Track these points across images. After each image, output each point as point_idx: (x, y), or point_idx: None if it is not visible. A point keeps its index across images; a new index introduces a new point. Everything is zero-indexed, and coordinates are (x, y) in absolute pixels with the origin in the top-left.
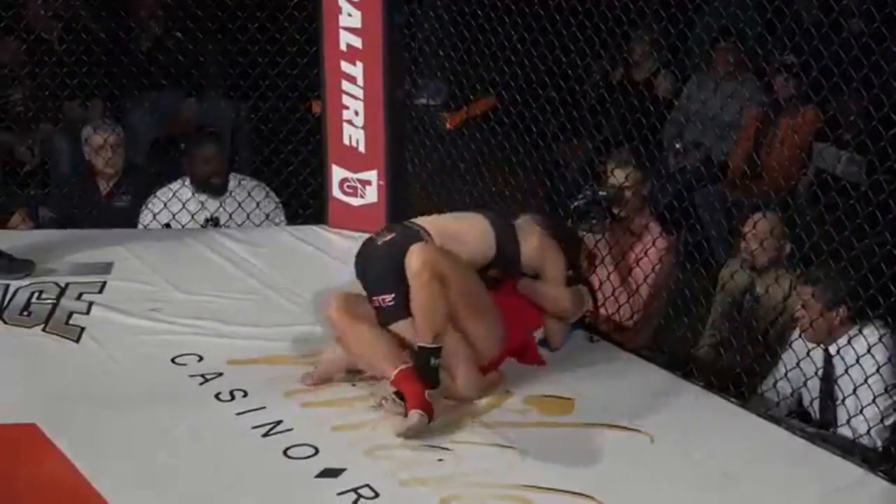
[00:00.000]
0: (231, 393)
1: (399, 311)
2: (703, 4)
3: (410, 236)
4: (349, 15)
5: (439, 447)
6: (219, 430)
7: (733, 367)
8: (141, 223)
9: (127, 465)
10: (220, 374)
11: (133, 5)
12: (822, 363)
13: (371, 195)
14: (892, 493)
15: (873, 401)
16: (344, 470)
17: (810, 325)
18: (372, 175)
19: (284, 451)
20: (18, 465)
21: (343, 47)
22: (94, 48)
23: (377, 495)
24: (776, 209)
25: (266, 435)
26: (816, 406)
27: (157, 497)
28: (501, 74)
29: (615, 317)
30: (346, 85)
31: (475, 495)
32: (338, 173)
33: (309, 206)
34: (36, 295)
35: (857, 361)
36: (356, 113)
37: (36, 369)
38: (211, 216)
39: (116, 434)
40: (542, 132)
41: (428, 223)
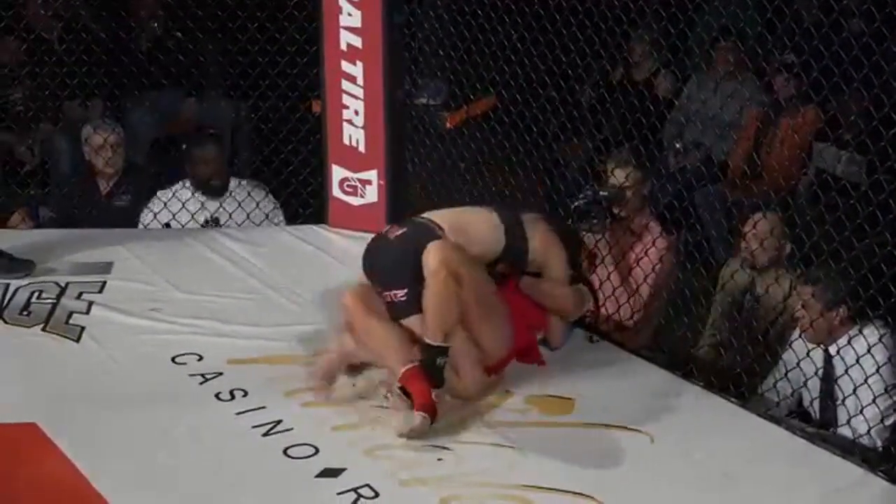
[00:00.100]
0: (231, 392)
1: (411, 306)
2: (704, 4)
3: (423, 231)
4: (349, 14)
5: (439, 447)
6: (219, 429)
7: (733, 367)
8: (141, 223)
9: (127, 464)
10: (220, 374)
11: (133, 5)
12: (822, 363)
13: (371, 195)
14: (893, 493)
15: (873, 401)
16: (344, 470)
17: (810, 325)
18: (372, 175)
19: (284, 451)
20: (18, 465)
21: (343, 47)
22: (94, 48)
23: (377, 495)
24: (776, 209)
25: (266, 434)
26: (816, 406)
27: (157, 497)
28: (501, 74)
29: (615, 316)
30: (346, 84)
31: (475, 495)
32: (338, 173)
33: (309, 205)
34: (36, 294)
35: (857, 361)
36: (356, 112)
37: (36, 369)
38: (211, 216)
39: (116, 433)
40: (542, 132)
41: (438, 217)
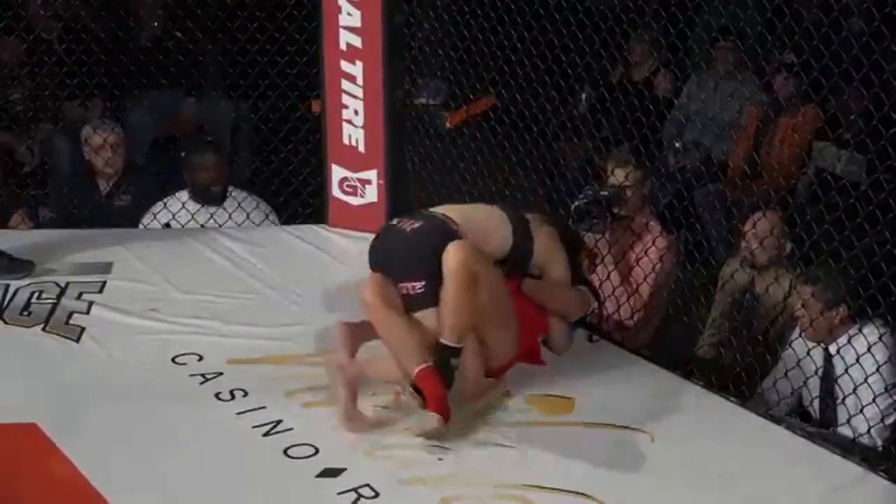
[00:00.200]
0: (231, 392)
1: (427, 299)
2: (703, 4)
3: (440, 226)
4: (349, 14)
5: (439, 447)
6: (219, 429)
7: (733, 366)
8: (141, 223)
9: (127, 464)
10: (220, 374)
11: (133, 5)
12: (822, 362)
13: (371, 194)
14: (893, 492)
15: (873, 400)
16: (344, 470)
17: (810, 325)
18: (372, 174)
19: (285, 451)
20: (19, 465)
21: (343, 46)
22: (94, 48)
23: (377, 495)
24: (776, 208)
25: (266, 434)
26: (816, 405)
27: (157, 497)
28: (501, 74)
29: (615, 316)
30: (345, 84)
31: (475, 495)
32: (337, 173)
33: (309, 205)
34: (36, 295)
35: (857, 361)
36: (356, 112)
37: (36, 369)
38: (207, 221)
39: (117, 433)
40: (542, 131)
41: (449, 212)
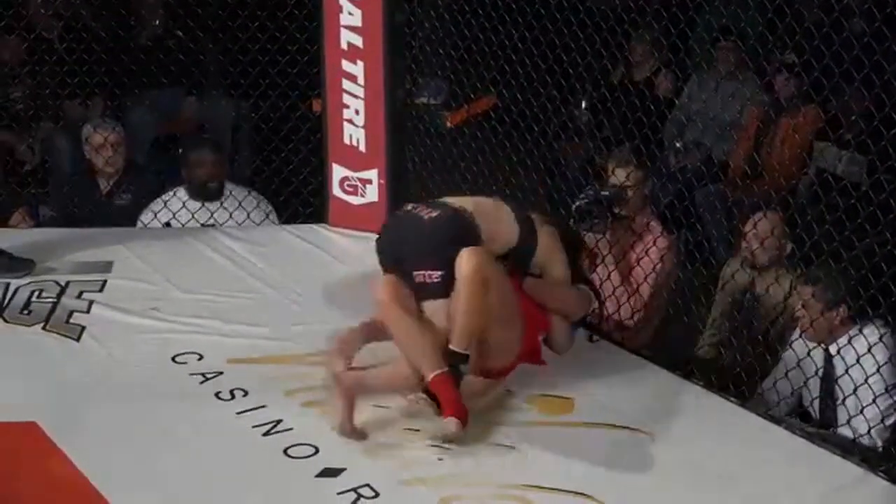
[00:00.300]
0: (231, 392)
1: (441, 289)
2: (704, 4)
3: (456, 216)
4: (350, 14)
5: (439, 447)
6: (219, 429)
7: (733, 366)
8: (141, 222)
9: (127, 463)
10: (221, 373)
11: (134, 4)
12: (823, 363)
13: (371, 194)
14: (893, 492)
15: (873, 401)
16: (344, 469)
17: (810, 325)
18: (372, 174)
19: (285, 451)
20: (19, 464)
21: (344, 46)
22: (95, 47)
23: (377, 495)
24: (777, 209)
25: (266, 434)
26: (816, 406)
27: (157, 497)
28: (502, 73)
29: (616, 316)
30: (346, 84)
31: (475, 495)
32: (338, 172)
33: (309, 204)
34: (36, 293)
35: (858, 361)
36: (357, 112)
37: (36, 368)
38: (209, 219)
39: (117, 433)
40: (542, 131)
41: (462, 203)
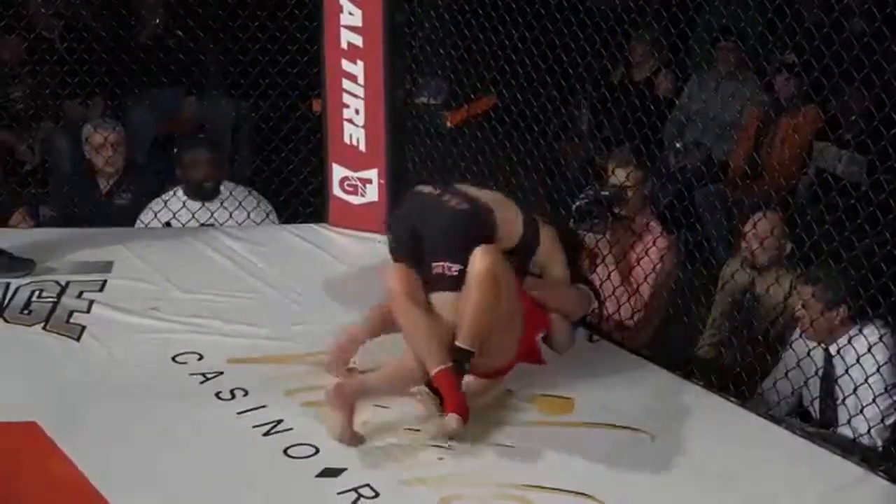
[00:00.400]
0: (231, 392)
1: (455, 283)
2: (704, 4)
3: (479, 213)
4: (350, 13)
5: (439, 447)
6: (219, 429)
7: (733, 366)
8: (141, 221)
9: (127, 463)
10: (221, 373)
11: (134, 3)
12: (823, 363)
13: (372, 194)
14: (893, 492)
15: (873, 400)
16: (344, 469)
17: (810, 325)
18: (372, 174)
19: (285, 451)
20: (19, 464)
21: (344, 46)
22: (95, 46)
23: (377, 495)
24: (777, 209)
25: (266, 434)
26: (817, 406)
27: (157, 497)
28: (502, 73)
29: (616, 316)
30: (346, 83)
31: (475, 495)
32: (338, 172)
33: (309, 204)
34: (36, 293)
35: (858, 361)
36: (357, 111)
37: (37, 367)
38: (208, 220)
39: (117, 432)
40: (542, 131)
41: (479, 196)
